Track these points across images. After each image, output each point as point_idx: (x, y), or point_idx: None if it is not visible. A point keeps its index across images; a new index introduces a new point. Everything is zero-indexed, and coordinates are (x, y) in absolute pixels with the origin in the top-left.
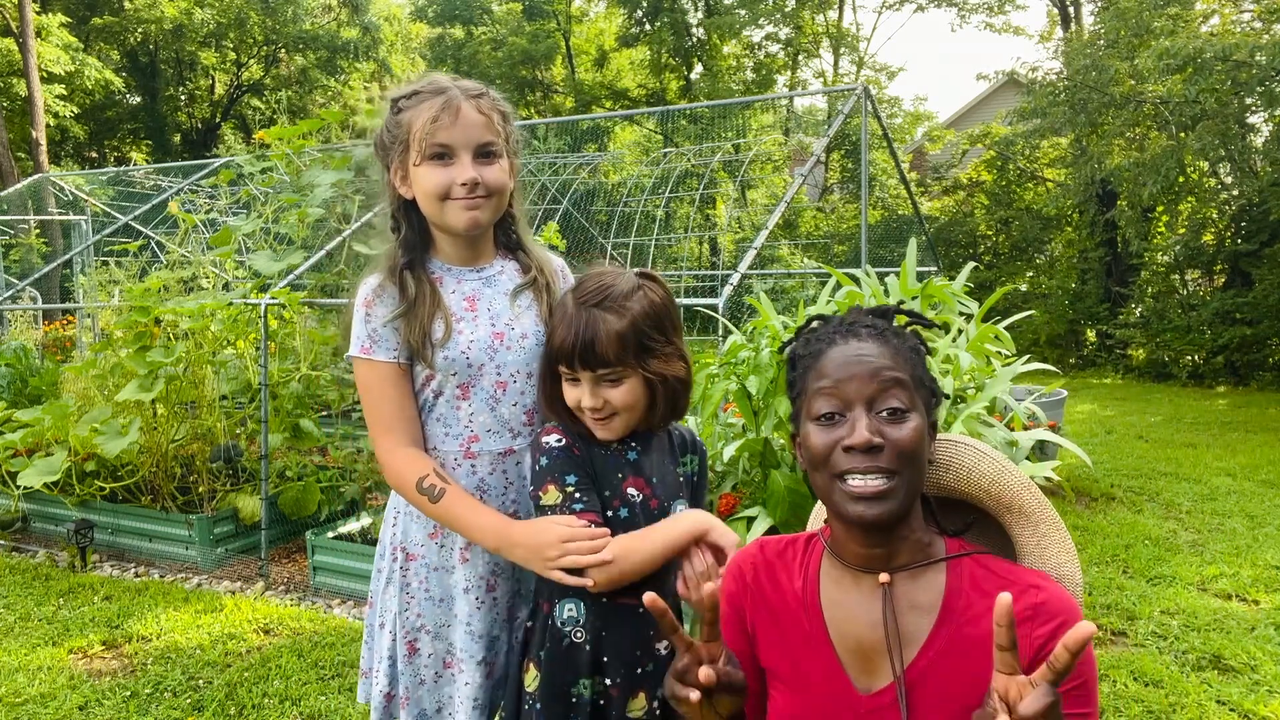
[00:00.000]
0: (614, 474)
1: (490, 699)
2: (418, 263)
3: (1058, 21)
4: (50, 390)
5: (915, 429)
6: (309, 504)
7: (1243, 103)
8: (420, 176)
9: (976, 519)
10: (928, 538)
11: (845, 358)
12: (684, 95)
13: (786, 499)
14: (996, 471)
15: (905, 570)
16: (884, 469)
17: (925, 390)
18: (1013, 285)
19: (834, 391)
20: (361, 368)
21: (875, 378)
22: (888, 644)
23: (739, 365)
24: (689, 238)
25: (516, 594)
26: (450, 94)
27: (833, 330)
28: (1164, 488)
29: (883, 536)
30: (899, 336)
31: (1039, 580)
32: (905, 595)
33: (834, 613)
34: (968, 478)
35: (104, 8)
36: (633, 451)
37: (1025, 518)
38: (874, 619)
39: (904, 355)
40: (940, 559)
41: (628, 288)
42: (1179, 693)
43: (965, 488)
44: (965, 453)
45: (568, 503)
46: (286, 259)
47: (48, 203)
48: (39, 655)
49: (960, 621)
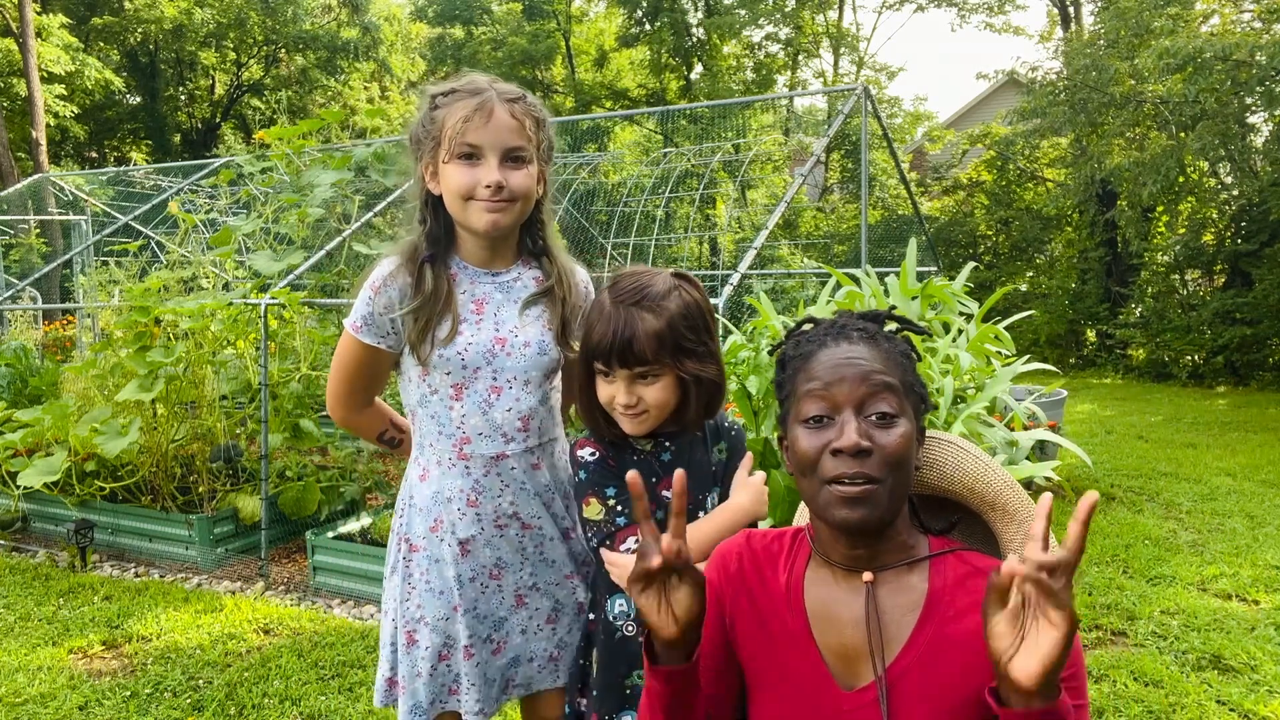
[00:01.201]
0: (648, 479)
1: (501, 674)
2: (440, 258)
3: (1058, 21)
4: (50, 390)
5: (904, 435)
6: (309, 504)
7: (1243, 103)
8: (447, 174)
9: (962, 517)
10: (912, 538)
11: (835, 360)
12: (684, 95)
13: (786, 499)
14: (980, 470)
15: (889, 569)
16: (870, 475)
17: (915, 396)
18: (1013, 285)
19: (823, 394)
20: (347, 339)
21: (865, 381)
22: (869, 643)
23: (739, 365)
24: (689, 238)
25: (524, 584)
26: (485, 96)
27: (823, 332)
28: (1164, 488)
29: (867, 539)
30: (889, 341)
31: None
32: (888, 594)
33: (818, 610)
34: (952, 476)
35: (104, 8)
36: (667, 453)
37: (1009, 515)
38: (857, 617)
39: (894, 360)
40: (923, 557)
41: (665, 288)
42: (1179, 693)
43: (949, 486)
44: (949, 451)
45: (611, 516)
46: (286, 259)
47: (48, 203)
48: (39, 655)
49: (941, 620)
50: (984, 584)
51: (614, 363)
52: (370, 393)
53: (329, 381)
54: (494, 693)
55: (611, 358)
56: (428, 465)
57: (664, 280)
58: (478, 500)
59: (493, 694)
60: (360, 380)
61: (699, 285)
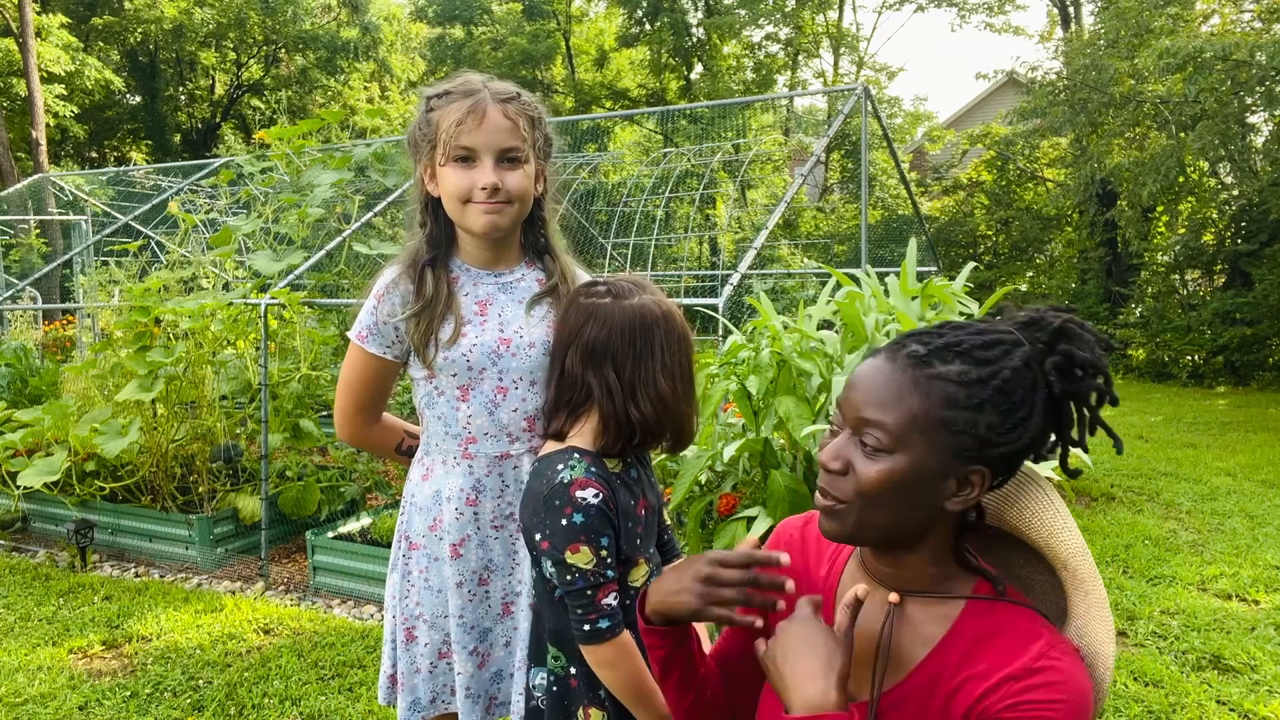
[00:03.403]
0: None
1: (485, 690)
2: (440, 260)
3: (1058, 21)
4: (50, 390)
5: (883, 471)
6: (309, 504)
7: (1243, 102)
8: (444, 177)
9: (1039, 568)
10: (945, 571)
11: (857, 375)
12: (684, 95)
13: (786, 499)
14: (1058, 526)
15: (917, 596)
16: (835, 495)
17: (950, 435)
18: (1013, 285)
19: (840, 404)
20: (353, 350)
21: (858, 408)
22: (874, 663)
23: (739, 365)
24: (689, 238)
25: (512, 591)
26: (479, 97)
27: (889, 343)
28: (1164, 488)
29: (880, 554)
30: (943, 364)
31: (1055, 657)
32: (911, 621)
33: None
34: (1030, 521)
35: (104, 8)
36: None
37: (1077, 581)
38: (872, 632)
39: (930, 394)
40: (957, 596)
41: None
42: (1179, 693)
43: (1025, 530)
44: (1034, 495)
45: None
46: (286, 259)
47: (48, 203)
48: (39, 655)
49: (948, 667)
50: (1004, 645)
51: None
52: (379, 407)
53: (337, 401)
54: (479, 711)
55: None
56: (431, 465)
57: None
58: (477, 499)
59: (478, 711)
60: (369, 394)
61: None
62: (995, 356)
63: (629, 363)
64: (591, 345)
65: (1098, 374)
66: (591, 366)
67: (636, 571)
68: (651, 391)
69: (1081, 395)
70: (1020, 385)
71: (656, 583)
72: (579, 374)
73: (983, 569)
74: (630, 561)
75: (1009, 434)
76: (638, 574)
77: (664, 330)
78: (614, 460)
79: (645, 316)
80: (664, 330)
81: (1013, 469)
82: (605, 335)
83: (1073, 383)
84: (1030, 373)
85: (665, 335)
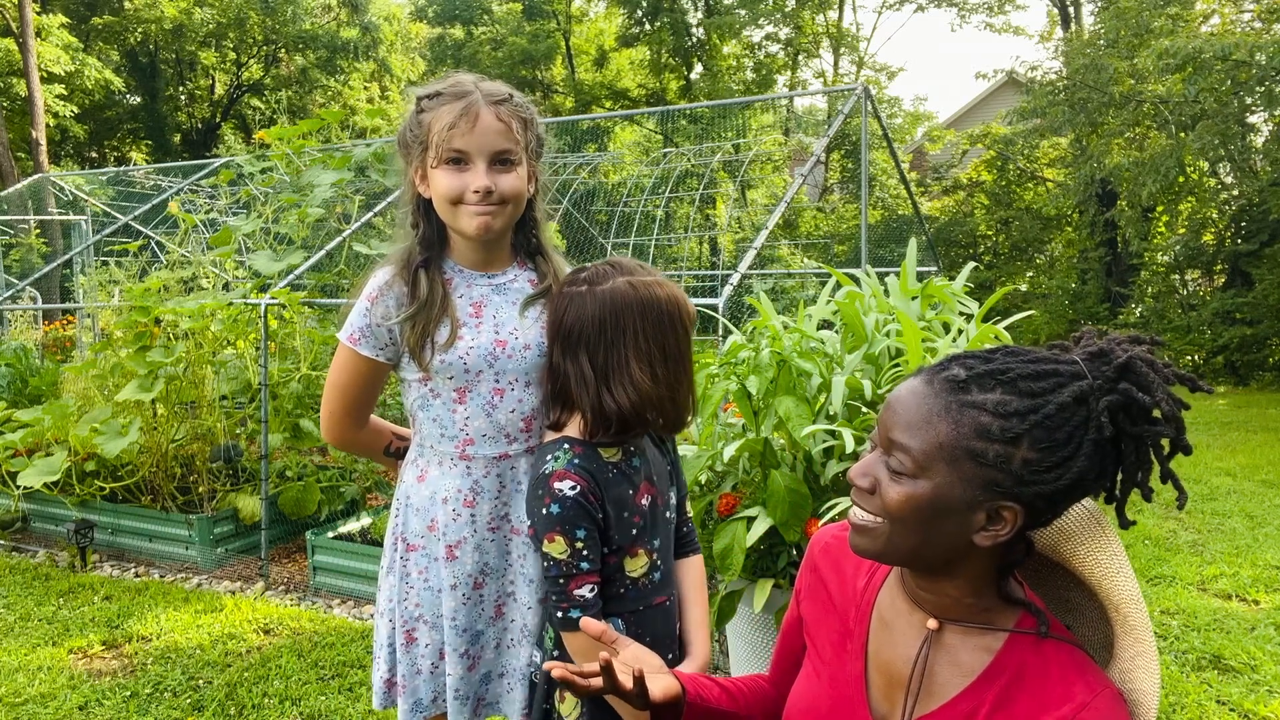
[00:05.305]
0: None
1: (473, 692)
2: (434, 262)
3: (1058, 21)
4: (50, 390)
5: (904, 495)
6: (309, 504)
7: (1243, 102)
8: (436, 179)
9: (1087, 593)
10: (984, 601)
11: (898, 393)
12: (684, 95)
13: (786, 499)
14: (1114, 569)
15: (957, 625)
16: (869, 513)
17: (979, 466)
18: (1013, 285)
19: (877, 420)
20: (344, 352)
21: (887, 430)
22: (908, 687)
23: (739, 365)
24: (689, 238)
25: (504, 592)
26: (470, 99)
27: (926, 367)
28: (1164, 487)
29: (919, 578)
30: (980, 392)
31: (1098, 708)
32: (950, 649)
33: (879, 630)
34: (1084, 559)
35: (104, 8)
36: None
37: (1128, 627)
38: (909, 655)
39: (963, 421)
40: (999, 629)
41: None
42: (1179, 693)
43: (1079, 567)
44: (1092, 533)
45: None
46: (286, 259)
47: (48, 203)
48: (39, 655)
49: (978, 706)
50: (1045, 689)
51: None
52: (368, 410)
53: (324, 404)
54: (467, 712)
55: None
56: (426, 467)
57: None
58: (474, 501)
59: (465, 712)
60: (359, 396)
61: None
62: (1044, 389)
63: (600, 350)
64: (567, 334)
65: (1164, 419)
66: (569, 356)
67: (634, 562)
68: (625, 379)
69: (1142, 439)
70: (1067, 422)
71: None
72: (561, 364)
73: (1028, 601)
74: (624, 551)
75: (1047, 473)
76: (635, 564)
77: (638, 313)
78: (612, 449)
79: (616, 301)
80: (638, 313)
81: (1056, 509)
82: (578, 323)
83: (1130, 425)
84: (1082, 410)
85: (640, 318)
